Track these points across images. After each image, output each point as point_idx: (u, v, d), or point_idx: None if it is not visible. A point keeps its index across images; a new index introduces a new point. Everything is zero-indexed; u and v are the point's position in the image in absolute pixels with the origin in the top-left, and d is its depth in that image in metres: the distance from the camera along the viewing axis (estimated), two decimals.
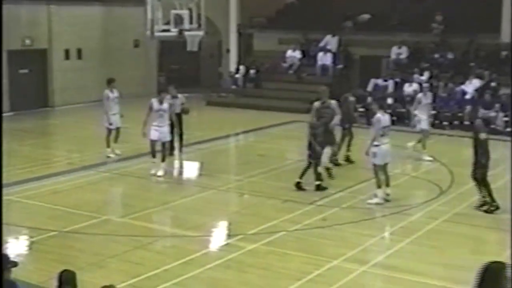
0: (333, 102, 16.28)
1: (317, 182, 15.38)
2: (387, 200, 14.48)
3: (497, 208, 13.85)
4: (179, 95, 19.22)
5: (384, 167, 14.56)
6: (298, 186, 15.40)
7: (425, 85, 19.51)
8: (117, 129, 19.06)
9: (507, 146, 20.25)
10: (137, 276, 10.62)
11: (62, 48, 28.17)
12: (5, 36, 23.86)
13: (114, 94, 19.07)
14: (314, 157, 15.30)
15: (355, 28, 29.31)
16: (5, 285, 7.06)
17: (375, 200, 14.48)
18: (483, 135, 13.75)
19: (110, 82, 19.23)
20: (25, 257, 11.76)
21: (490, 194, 13.94)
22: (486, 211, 13.88)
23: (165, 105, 16.97)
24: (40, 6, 27.34)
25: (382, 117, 14.45)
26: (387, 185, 14.67)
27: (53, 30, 27.72)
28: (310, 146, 15.33)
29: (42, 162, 18.41)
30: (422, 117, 18.72)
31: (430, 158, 18.50)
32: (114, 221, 13.53)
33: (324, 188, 15.33)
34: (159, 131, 16.85)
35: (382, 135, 14.35)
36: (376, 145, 14.32)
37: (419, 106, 18.80)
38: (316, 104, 16.16)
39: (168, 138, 17.32)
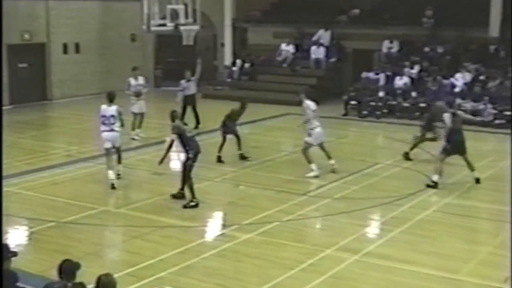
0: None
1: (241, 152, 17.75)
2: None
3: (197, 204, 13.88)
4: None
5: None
6: (242, 156, 17.68)
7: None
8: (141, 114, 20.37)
9: (497, 138, 20.70)
10: (134, 265, 10.74)
11: (60, 42, 28.37)
12: (5, 30, 24.12)
13: (138, 81, 20.30)
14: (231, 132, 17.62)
15: (348, 22, 29.48)
16: (6, 275, 7.20)
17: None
18: None
19: (134, 70, 20.53)
20: (25, 247, 11.92)
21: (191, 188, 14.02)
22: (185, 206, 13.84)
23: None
24: (39, 0, 27.49)
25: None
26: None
27: (51, 24, 27.89)
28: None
29: (41, 154, 18.62)
30: None
31: None
32: (112, 212, 13.73)
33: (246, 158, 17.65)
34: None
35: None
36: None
37: None
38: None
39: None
